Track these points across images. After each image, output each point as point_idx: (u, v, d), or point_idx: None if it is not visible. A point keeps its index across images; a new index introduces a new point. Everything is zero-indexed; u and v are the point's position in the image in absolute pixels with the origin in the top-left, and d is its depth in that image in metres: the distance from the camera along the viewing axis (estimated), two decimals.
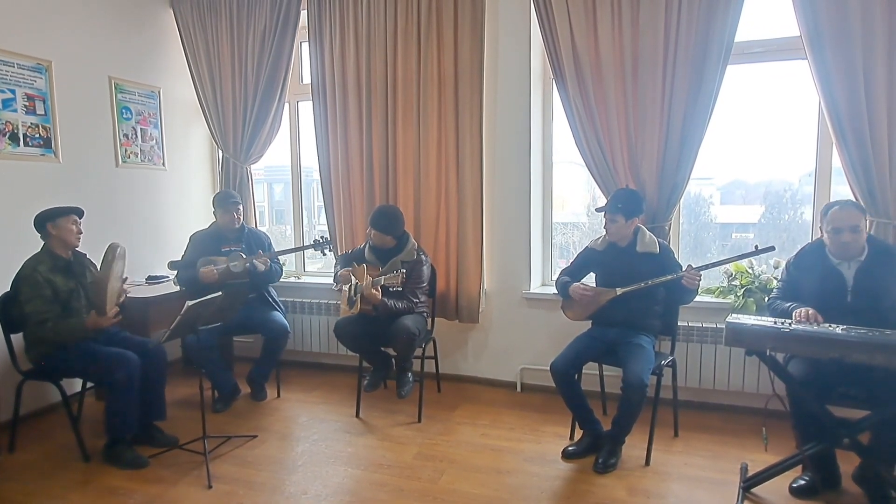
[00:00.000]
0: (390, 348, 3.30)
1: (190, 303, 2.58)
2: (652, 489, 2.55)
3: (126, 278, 3.00)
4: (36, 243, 2.88)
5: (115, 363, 2.77)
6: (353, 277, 3.26)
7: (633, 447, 2.83)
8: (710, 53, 3.04)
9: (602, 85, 3.28)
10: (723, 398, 3.35)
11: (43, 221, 2.83)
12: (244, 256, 3.53)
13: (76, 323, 2.80)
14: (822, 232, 2.54)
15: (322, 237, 3.65)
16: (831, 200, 3.20)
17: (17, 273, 2.80)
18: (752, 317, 2.38)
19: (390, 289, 3.04)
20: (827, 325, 2.25)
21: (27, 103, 3.35)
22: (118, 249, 2.78)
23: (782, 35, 3.19)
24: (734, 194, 3.80)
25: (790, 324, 2.25)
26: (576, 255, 3.15)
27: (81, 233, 2.93)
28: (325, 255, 3.69)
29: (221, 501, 2.49)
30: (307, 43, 3.99)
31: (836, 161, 3.06)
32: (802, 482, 2.49)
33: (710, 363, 3.28)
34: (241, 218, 3.70)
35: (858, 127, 2.88)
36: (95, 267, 3.05)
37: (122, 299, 2.93)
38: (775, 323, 2.26)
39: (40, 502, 2.50)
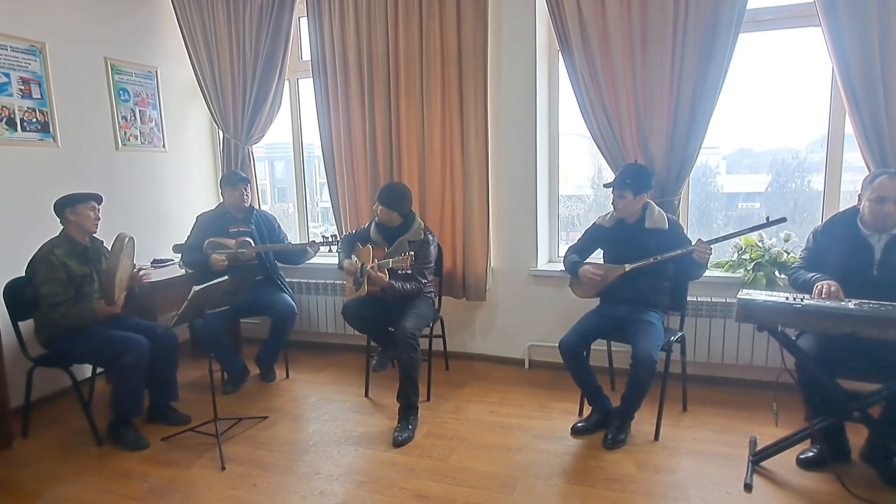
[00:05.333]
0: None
1: (196, 287, 2.58)
2: (661, 464, 2.57)
3: (136, 266, 3.04)
4: (40, 229, 2.87)
5: (125, 347, 2.79)
6: (357, 260, 3.23)
7: (642, 422, 2.84)
8: (721, 22, 2.95)
9: (610, 55, 3.20)
10: (731, 372, 3.35)
11: (62, 207, 2.86)
12: (253, 244, 3.50)
13: (88, 308, 2.83)
14: (859, 199, 2.45)
15: (332, 235, 3.50)
16: (841, 167, 3.18)
17: (34, 255, 2.82)
18: (763, 292, 2.35)
19: (399, 271, 3.01)
20: (839, 299, 2.22)
21: (22, 87, 3.29)
22: (126, 240, 2.81)
23: (794, 1, 3.09)
24: (740, 163, 3.74)
25: (802, 299, 2.22)
26: (583, 232, 3.11)
27: (99, 219, 2.95)
28: (331, 251, 3.61)
29: (235, 483, 2.51)
30: (306, 18, 3.90)
31: (848, 128, 3.00)
32: (811, 454, 2.49)
33: (719, 338, 3.27)
34: (250, 197, 3.65)
35: (872, 94, 2.81)
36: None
37: (141, 282, 3.05)
38: (787, 298, 2.23)
39: (54, 487, 2.53)
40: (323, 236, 3.54)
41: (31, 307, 2.88)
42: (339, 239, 3.48)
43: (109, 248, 3.04)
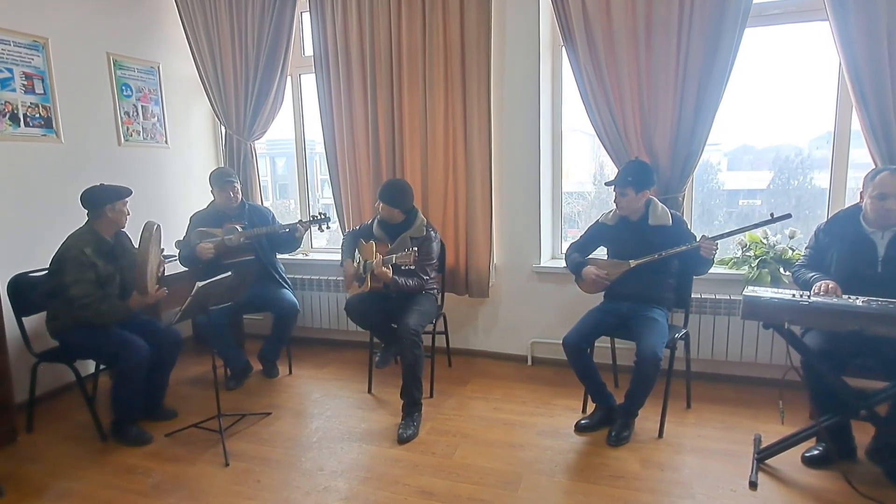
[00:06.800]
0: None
1: (200, 283, 2.57)
2: (665, 461, 2.56)
3: (163, 249, 3.01)
4: (43, 224, 2.84)
5: (124, 351, 2.77)
6: (360, 257, 3.23)
7: (645, 419, 2.83)
8: (727, 16, 2.93)
9: (614, 50, 3.17)
10: (736, 369, 3.34)
11: (102, 202, 2.78)
12: (239, 230, 3.47)
13: (119, 305, 2.79)
14: (861, 197, 2.44)
15: (321, 213, 3.48)
16: (847, 164, 3.16)
17: (62, 250, 2.76)
18: (770, 289, 2.34)
19: (402, 267, 3.00)
20: (847, 297, 2.20)
21: (25, 82, 3.28)
22: (154, 227, 2.77)
23: None
24: (742, 160, 3.71)
25: (809, 296, 2.21)
26: (586, 229, 3.09)
27: (129, 214, 2.92)
28: (322, 231, 3.49)
29: (239, 479, 2.51)
30: (308, 13, 3.88)
31: (854, 124, 2.98)
32: (816, 452, 2.48)
33: (724, 335, 3.26)
34: (240, 196, 3.60)
35: (881, 89, 2.78)
36: (135, 245, 3.03)
37: (161, 273, 2.96)
38: (793, 296, 2.21)
39: (59, 481, 2.54)
40: (311, 215, 3.49)
41: (48, 298, 2.82)
42: (327, 216, 3.43)
43: (134, 241, 3.02)
